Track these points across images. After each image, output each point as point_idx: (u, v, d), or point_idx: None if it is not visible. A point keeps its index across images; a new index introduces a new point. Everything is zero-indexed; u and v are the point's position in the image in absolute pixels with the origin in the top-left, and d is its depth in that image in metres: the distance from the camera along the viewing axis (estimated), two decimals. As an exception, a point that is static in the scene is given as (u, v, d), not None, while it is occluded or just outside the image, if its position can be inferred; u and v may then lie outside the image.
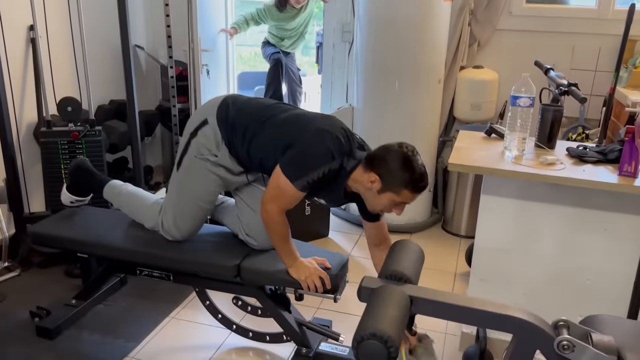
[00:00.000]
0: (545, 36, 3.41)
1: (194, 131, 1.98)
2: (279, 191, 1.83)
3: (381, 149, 1.81)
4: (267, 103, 2.00)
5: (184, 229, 2.04)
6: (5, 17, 2.64)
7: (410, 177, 1.73)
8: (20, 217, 2.73)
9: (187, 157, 1.99)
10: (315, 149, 1.78)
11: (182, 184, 2.02)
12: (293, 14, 4.13)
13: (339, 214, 3.63)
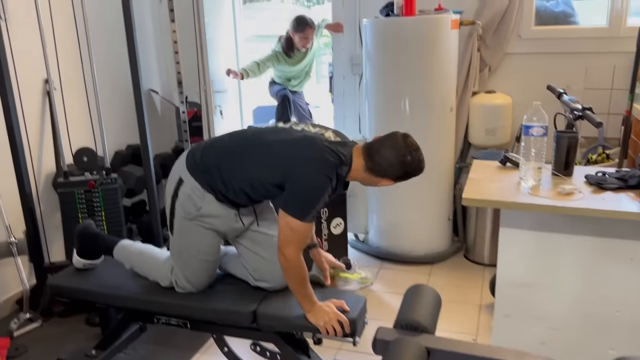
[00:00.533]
0: (557, 57, 3.37)
1: (174, 194, 1.98)
2: (291, 232, 1.82)
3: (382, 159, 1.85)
4: (234, 135, 2.00)
5: (198, 284, 2.04)
6: (20, 72, 2.71)
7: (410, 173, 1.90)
8: (41, 267, 2.76)
9: (177, 220, 1.99)
10: (313, 182, 1.79)
11: (181, 246, 2.03)
12: (300, 57, 4.12)
13: (358, 247, 3.59)
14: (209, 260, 2.04)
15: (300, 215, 1.79)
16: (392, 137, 1.87)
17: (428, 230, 3.35)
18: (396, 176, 1.88)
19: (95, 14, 3.18)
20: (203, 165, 1.93)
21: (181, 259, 2.02)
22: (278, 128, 2.03)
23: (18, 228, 2.75)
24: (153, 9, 3.82)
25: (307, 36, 3.95)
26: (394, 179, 1.89)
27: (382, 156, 1.84)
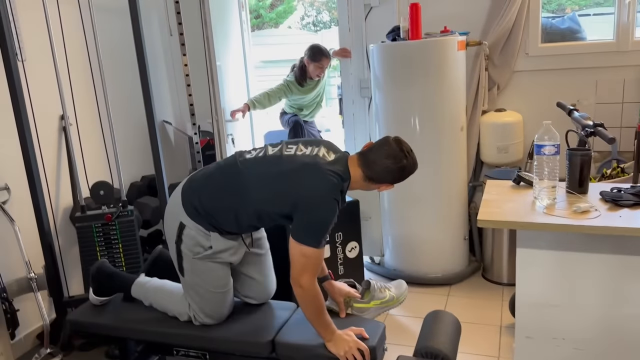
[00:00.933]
0: (566, 73, 3.38)
1: (178, 238, 2.01)
2: (306, 260, 1.84)
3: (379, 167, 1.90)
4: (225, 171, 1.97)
5: (217, 316, 2.07)
6: (37, 109, 2.78)
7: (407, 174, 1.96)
8: (60, 301, 2.78)
9: (186, 262, 2.02)
10: (325, 209, 1.82)
11: (194, 284, 2.05)
12: (312, 86, 4.12)
13: (374, 270, 3.57)
14: (223, 292, 2.06)
15: (315, 243, 1.82)
16: (386, 144, 1.92)
17: (444, 250, 3.33)
18: (394, 180, 1.95)
19: (108, 50, 3.26)
20: (205, 210, 1.95)
21: (198, 295, 2.04)
22: (272, 156, 1.96)
23: (37, 263, 2.78)
24: (164, 42, 3.90)
25: (322, 66, 3.98)
26: (392, 183, 1.97)
27: (380, 165, 1.89)
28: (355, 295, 2.17)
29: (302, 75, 4.02)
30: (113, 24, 3.36)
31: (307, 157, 1.90)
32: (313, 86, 4.13)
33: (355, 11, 3.77)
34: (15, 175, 2.74)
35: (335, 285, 2.16)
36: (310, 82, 4.08)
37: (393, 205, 3.34)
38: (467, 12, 3.46)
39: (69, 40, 2.97)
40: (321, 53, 3.95)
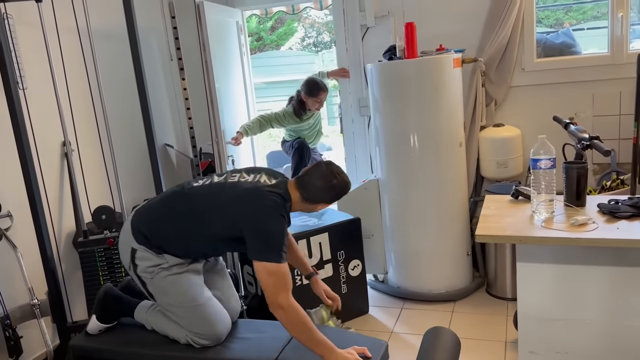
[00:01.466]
0: (563, 87, 3.40)
1: (132, 264, 2.10)
2: (275, 278, 1.91)
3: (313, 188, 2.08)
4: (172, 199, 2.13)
5: (209, 335, 2.07)
6: (39, 136, 2.81)
7: (340, 193, 2.12)
8: (64, 327, 2.78)
9: (149, 285, 2.10)
10: (274, 224, 1.96)
11: (167, 305, 2.09)
12: (309, 116, 4.10)
13: (377, 288, 3.56)
14: (199, 305, 2.08)
15: (277, 258, 1.91)
16: (318, 167, 2.12)
17: (448, 266, 3.32)
18: (329, 199, 2.12)
19: (108, 75, 3.31)
20: (155, 238, 2.07)
21: (176, 316, 2.08)
22: (217, 183, 2.12)
23: (40, 289, 2.79)
24: (164, 66, 3.96)
25: (320, 100, 3.97)
26: (329, 202, 2.14)
27: (313, 185, 2.07)
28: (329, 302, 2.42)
29: (301, 108, 4.00)
30: (113, 50, 3.41)
31: (250, 183, 2.07)
32: (310, 116, 4.12)
33: (352, 32, 3.83)
34: (17, 201, 2.76)
35: (319, 282, 2.43)
36: (308, 113, 4.08)
37: (395, 222, 3.35)
38: (462, 30, 3.51)
39: (69, 67, 3.02)
40: (318, 88, 3.92)
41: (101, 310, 2.27)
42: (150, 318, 2.19)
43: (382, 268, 3.54)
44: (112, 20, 3.35)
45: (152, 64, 3.82)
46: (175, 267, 2.08)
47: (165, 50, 3.96)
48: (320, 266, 3.06)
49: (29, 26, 2.83)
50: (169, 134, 4.03)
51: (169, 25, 3.86)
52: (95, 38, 2.84)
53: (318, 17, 13.18)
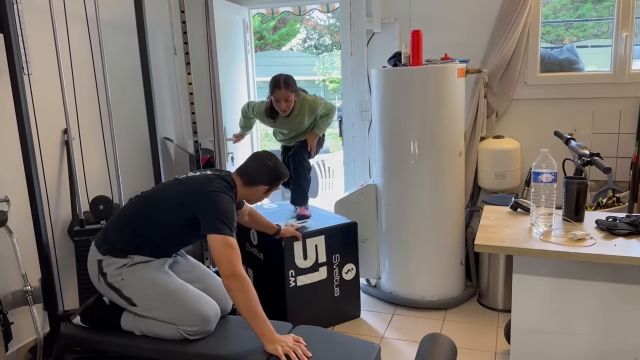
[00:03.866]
0: (564, 103, 3.43)
1: (101, 274, 2.20)
2: (230, 250, 2.04)
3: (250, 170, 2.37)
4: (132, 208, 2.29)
5: (196, 317, 2.09)
6: (40, 122, 2.80)
7: (280, 179, 2.41)
8: (55, 315, 2.77)
9: (124, 288, 2.16)
10: (223, 200, 2.14)
11: (146, 300, 2.14)
12: (285, 121, 3.31)
13: (370, 292, 3.57)
14: (174, 290, 2.14)
15: (230, 231, 2.07)
16: (254, 154, 2.43)
17: (441, 275, 3.33)
18: (267, 181, 2.36)
19: (113, 66, 3.31)
20: (122, 249, 2.18)
21: (160, 310, 2.11)
22: (168, 182, 2.36)
23: (32, 276, 2.78)
24: (168, 60, 3.96)
25: (278, 99, 3.12)
26: (267, 184, 2.37)
27: (250, 169, 2.36)
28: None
29: (272, 110, 3.26)
30: (119, 40, 3.41)
31: (198, 176, 2.30)
32: (287, 122, 3.31)
33: (357, 36, 3.85)
34: (15, 187, 2.75)
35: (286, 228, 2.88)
36: (283, 120, 3.29)
37: (390, 228, 3.36)
38: (468, 41, 3.53)
39: (75, 56, 3.01)
40: (273, 85, 3.14)
41: (87, 315, 2.27)
42: (140, 323, 2.18)
43: (375, 273, 3.55)
44: (120, 11, 3.34)
45: (156, 57, 3.82)
46: (141, 263, 2.18)
47: (169, 44, 3.96)
48: (315, 269, 3.07)
49: (36, 12, 2.82)
50: (168, 128, 4.02)
51: (175, 20, 3.87)
52: (103, 27, 2.83)
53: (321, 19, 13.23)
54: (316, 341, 2.04)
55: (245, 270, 3.27)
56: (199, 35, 3.51)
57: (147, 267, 2.18)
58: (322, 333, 2.10)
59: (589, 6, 3.78)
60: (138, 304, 2.14)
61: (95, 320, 2.26)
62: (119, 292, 2.16)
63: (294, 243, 2.97)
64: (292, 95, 3.14)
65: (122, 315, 2.22)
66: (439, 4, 3.59)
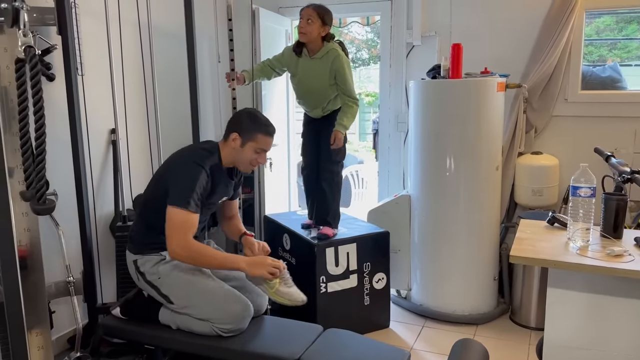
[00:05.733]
0: (605, 121, 3.39)
1: (140, 274, 2.27)
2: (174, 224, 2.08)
3: (231, 117, 2.34)
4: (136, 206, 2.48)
5: (230, 315, 2.14)
6: (90, 121, 2.93)
7: (258, 123, 2.26)
8: (94, 308, 2.87)
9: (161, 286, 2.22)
10: (184, 170, 2.14)
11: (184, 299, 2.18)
12: (308, 65, 2.97)
13: (400, 303, 3.56)
14: (211, 289, 2.18)
15: (181, 203, 2.07)
16: (236, 112, 2.39)
17: (473, 289, 3.31)
18: (253, 132, 2.23)
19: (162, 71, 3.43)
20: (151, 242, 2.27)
21: (195, 307, 2.16)
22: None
23: (75, 268, 2.89)
24: (212, 67, 4.08)
25: (303, 16, 2.88)
26: (255, 140, 2.23)
27: (234, 121, 2.30)
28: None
29: (298, 42, 2.99)
30: (168, 46, 3.54)
31: (180, 149, 2.34)
32: (310, 68, 2.96)
33: (397, 48, 3.89)
34: (63, 181, 2.87)
35: (248, 240, 2.48)
36: (306, 60, 2.97)
37: (423, 240, 3.36)
38: (508, 55, 3.53)
39: (126, 59, 3.14)
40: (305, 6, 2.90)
41: (127, 307, 2.35)
42: (177, 317, 2.24)
43: (406, 284, 3.55)
44: (170, 19, 3.48)
45: (201, 63, 3.94)
46: (175, 260, 2.22)
47: (213, 51, 4.08)
48: (346, 276, 3.09)
49: (91, 15, 2.96)
50: (208, 132, 4.13)
51: (220, 28, 3.99)
52: (154, 33, 2.95)
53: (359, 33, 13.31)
54: (347, 345, 2.07)
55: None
56: (243, 43, 3.61)
57: (183, 265, 2.25)
58: (353, 337, 2.12)
59: (634, 27, 3.72)
60: (175, 302, 2.21)
61: (134, 313, 2.33)
62: (157, 290, 2.24)
63: (327, 249, 3.00)
64: (317, 21, 2.86)
65: (160, 309, 2.30)
66: (480, 19, 3.60)
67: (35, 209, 1.41)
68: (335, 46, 2.94)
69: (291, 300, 2.24)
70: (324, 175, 3.07)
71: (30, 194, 1.37)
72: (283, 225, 3.33)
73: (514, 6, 3.51)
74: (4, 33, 1.58)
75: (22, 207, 1.68)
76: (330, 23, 2.93)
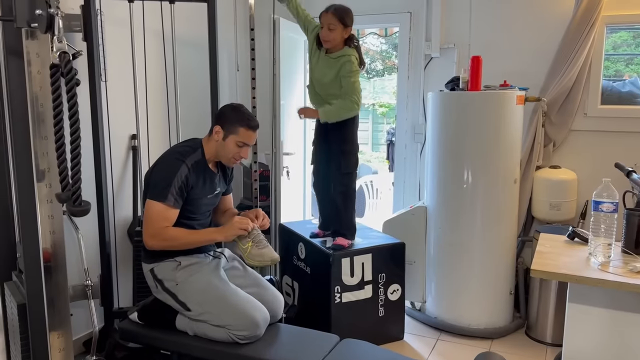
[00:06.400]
0: (625, 136, 3.36)
1: (158, 283, 2.29)
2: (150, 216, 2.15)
3: (217, 111, 2.37)
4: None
5: (246, 322, 2.14)
6: (112, 128, 2.97)
7: (241, 117, 2.27)
8: (110, 312, 2.89)
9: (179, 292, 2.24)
10: (163, 166, 2.22)
11: (201, 305, 2.20)
12: (325, 59, 2.90)
13: (414, 315, 3.54)
14: (227, 295, 2.20)
15: (157, 195, 2.14)
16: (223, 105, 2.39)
17: (489, 303, 3.28)
18: (235, 125, 2.25)
19: (183, 79, 3.47)
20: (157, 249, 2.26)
21: (212, 314, 2.17)
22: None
23: (93, 272, 2.91)
24: (231, 77, 4.12)
25: (323, 24, 2.81)
26: (237, 133, 2.26)
27: (219, 114, 2.32)
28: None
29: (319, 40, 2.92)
30: (189, 55, 3.58)
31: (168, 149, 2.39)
32: (325, 62, 2.90)
33: (415, 60, 3.91)
34: (84, 185, 2.89)
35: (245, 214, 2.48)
36: (324, 57, 2.90)
37: (439, 252, 3.35)
38: (528, 69, 3.53)
39: (149, 66, 3.19)
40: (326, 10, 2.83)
41: (143, 313, 2.37)
42: (194, 324, 2.25)
43: (421, 296, 3.53)
44: (193, 28, 3.52)
45: (221, 72, 3.98)
46: (193, 266, 2.27)
47: (233, 61, 4.13)
48: (361, 286, 3.08)
49: (116, 23, 3.01)
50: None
51: (240, 38, 4.04)
52: (177, 43, 3.00)
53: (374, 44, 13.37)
54: (364, 356, 2.06)
55: (291, 283, 3.35)
56: (263, 53, 3.65)
57: (200, 271, 2.27)
58: (371, 348, 2.11)
59: (652, 41, 3.71)
60: (192, 309, 2.22)
61: (151, 318, 2.35)
62: (174, 297, 2.25)
63: (342, 259, 3.00)
64: (338, 26, 2.77)
65: (177, 315, 2.31)
66: (499, 32, 3.61)
67: (71, 210, 1.43)
68: (351, 52, 2.85)
69: (262, 261, 2.27)
70: (336, 188, 3.02)
71: (66, 195, 1.40)
72: (298, 234, 3.34)
73: (534, 19, 3.51)
74: (36, 39, 1.62)
75: (49, 210, 1.71)
76: (351, 23, 2.84)
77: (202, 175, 2.30)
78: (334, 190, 3.02)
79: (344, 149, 2.93)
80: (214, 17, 2.77)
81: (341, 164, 2.94)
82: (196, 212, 2.33)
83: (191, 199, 2.26)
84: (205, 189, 2.34)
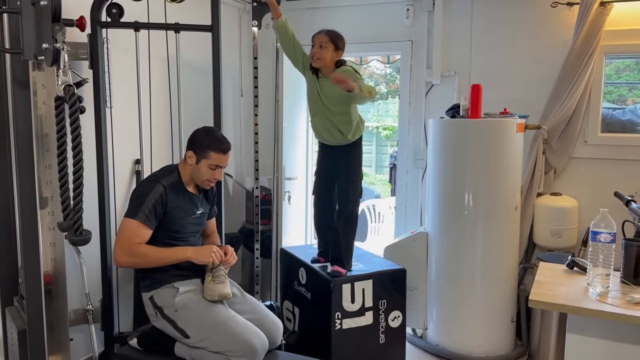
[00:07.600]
0: (625, 164, 3.38)
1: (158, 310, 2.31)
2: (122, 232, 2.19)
3: (190, 140, 2.40)
4: None
5: (244, 347, 2.14)
6: (116, 152, 3.01)
7: (212, 141, 2.35)
8: (110, 337, 2.89)
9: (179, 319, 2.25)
10: (140, 188, 2.30)
11: (200, 331, 2.19)
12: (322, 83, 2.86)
13: (415, 342, 3.52)
14: (224, 321, 2.20)
15: (129, 213, 2.21)
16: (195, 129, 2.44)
17: (490, 331, 3.26)
18: (206, 150, 2.32)
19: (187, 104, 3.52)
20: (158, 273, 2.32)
21: (210, 341, 2.17)
22: None
23: (93, 296, 2.92)
24: (235, 101, 4.18)
25: (315, 43, 2.80)
26: (208, 157, 2.33)
27: (191, 139, 2.38)
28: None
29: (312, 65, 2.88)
30: (193, 81, 3.64)
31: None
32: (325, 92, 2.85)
33: (416, 87, 3.95)
34: (86, 209, 2.92)
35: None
36: (323, 82, 2.85)
37: (441, 278, 3.34)
38: (528, 97, 3.56)
39: (153, 92, 3.23)
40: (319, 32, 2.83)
41: (144, 339, 2.38)
42: (191, 351, 2.25)
43: (422, 323, 3.52)
44: (196, 54, 3.58)
45: (225, 97, 4.04)
46: (191, 292, 2.29)
47: (237, 86, 4.19)
48: (362, 313, 3.07)
49: (121, 50, 3.07)
50: (230, 165, 4.20)
51: (245, 64, 4.10)
52: (181, 68, 3.05)
53: (377, 68, 13.50)
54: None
55: (292, 308, 3.34)
56: (266, 79, 3.70)
57: (199, 297, 2.28)
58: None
59: (655, 67, 3.75)
60: (191, 336, 2.22)
61: (151, 344, 2.35)
62: (174, 324, 2.26)
63: (343, 285, 2.99)
64: (329, 45, 2.77)
65: (176, 343, 2.31)
66: (500, 60, 3.65)
67: (72, 239, 1.46)
68: (346, 69, 2.81)
69: (211, 295, 2.29)
70: (340, 216, 2.98)
71: (68, 225, 1.42)
72: (299, 259, 3.33)
73: (534, 48, 3.56)
74: (42, 70, 1.66)
75: (51, 237, 1.73)
76: (343, 48, 2.84)
77: (182, 195, 2.37)
78: (338, 217, 3.00)
79: (351, 177, 2.91)
80: (218, 45, 2.82)
81: (349, 192, 2.92)
82: (182, 232, 2.37)
83: (173, 218, 2.30)
84: (188, 209, 2.39)
